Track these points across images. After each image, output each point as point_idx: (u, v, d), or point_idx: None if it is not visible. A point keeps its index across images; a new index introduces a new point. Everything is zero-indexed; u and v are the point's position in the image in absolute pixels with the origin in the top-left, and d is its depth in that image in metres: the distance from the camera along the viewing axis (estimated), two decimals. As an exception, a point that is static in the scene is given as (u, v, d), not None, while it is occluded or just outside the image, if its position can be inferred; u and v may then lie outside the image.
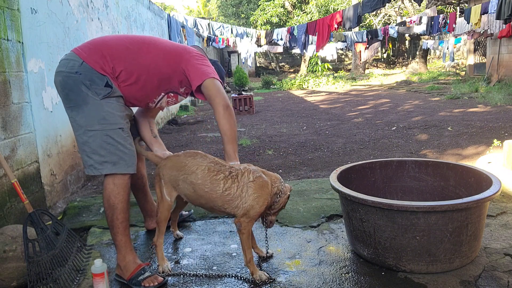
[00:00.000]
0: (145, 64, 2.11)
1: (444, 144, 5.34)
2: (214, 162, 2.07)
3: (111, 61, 2.06)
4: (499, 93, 10.24)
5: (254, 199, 1.98)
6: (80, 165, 4.03)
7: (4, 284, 2.05)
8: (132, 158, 2.10)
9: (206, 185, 2.02)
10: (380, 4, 9.18)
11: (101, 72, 2.03)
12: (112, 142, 2.03)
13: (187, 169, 2.07)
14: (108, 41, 2.15)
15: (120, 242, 2.10)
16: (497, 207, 2.79)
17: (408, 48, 27.75)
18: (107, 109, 2.03)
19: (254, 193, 1.98)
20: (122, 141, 2.06)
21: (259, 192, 1.99)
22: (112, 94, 2.05)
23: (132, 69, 2.09)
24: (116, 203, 2.05)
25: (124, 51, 2.10)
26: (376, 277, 2.01)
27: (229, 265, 2.21)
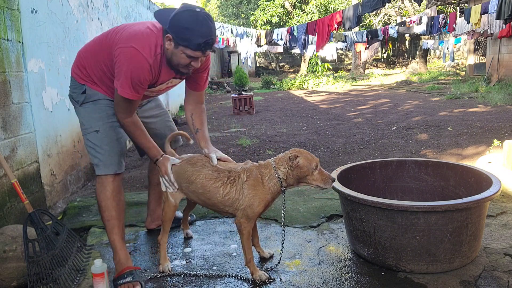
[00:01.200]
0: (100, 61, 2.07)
1: (444, 144, 5.34)
2: (212, 170, 2.08)
3: (84, 68, 2.12)
4: (499, 93, 10.24)
5: (250, 199, 1.99)
6: (80, 165, 4.03)
7: (4, 284, 2.05)
8: (109, 158, 2.12)
9: (206, 193, 2.06)
10: (380, 4, 9.18)
11: (80, 81, 2.13)
12: (91, 145, 2.14)
13: (188, 177, 2.10)
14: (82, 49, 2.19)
15: (111, 240, 2.15)
16: (497, 207, 2.79)
17: (408, 48, 27.74)
18: (84, 114, 2.14)
19: (248, 194, 1.99)
20: (98, 143, 2.11)
21: (253, 192, 1.99)
22: (88, 99, 2.12)
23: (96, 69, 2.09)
24: (100, 201, 2.14)
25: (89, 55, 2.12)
26: (376, 277, 2.01)
27: (229, 265, 2.21)
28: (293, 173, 1.97)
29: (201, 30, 1.83)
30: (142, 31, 1.95)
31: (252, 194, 1.98)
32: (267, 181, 1.99)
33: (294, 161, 1.95)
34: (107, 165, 2.12)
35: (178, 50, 1.89)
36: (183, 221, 2.60)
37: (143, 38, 1.92)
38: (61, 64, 3.70)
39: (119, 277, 2.05)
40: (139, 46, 1.90)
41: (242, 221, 2.01)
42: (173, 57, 1.93)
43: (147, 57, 1.91)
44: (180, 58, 1.91)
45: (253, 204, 1.99)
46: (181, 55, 1.90)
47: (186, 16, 1.83)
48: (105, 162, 2.12)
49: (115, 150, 2.15)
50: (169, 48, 1.91)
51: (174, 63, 1.96)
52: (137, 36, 1.94)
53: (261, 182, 1.99)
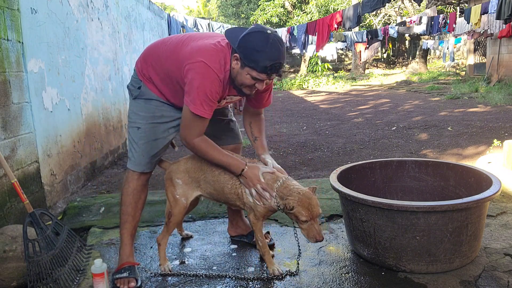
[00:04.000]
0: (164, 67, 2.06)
1: (444, 144, 5.34)
2: None
3: (146, 66, 2.12)
4: (499, 93, 10.24)
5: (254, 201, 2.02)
6: (80, 165, 4.03)
7: (4, 284, 2.05)
8: (140, 156, 2.15)
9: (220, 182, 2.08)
10: (380, 4, 9.18)
11: (139, 76, 2.14)
12: (130, 138, 2.19)
13: (205, 169, 2.11)
14: (151, 47, 2.19)
15: (120, 234, 2.20)
16: (497, 207, 2.79)
17: (408, 48, 27.74)
18: (133, 108, 2.18)
19: None
20: (136, 139, 2.15)
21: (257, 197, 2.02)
22: (141, 96, 2.13)
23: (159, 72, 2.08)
24: (122, 193, 2.21)
25: (156, 57, 2.10)
26: (376, 277, 2.01)
27: (229, 265, 2.21)
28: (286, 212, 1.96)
29: (269, 53, 1.81)
30: (211, 45, 1.94)
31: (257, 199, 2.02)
32: None
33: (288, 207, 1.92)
34: (137, 162, 2.16)
35: (244, 70, 1.87)
36: (178, 224, 2.54)
37: (212, 52, 1.91)
38: (61, 64, 3.70)
39: (117, 272, 2.09)
40: (208, 60, 1.88)
41: (251, 217, 2.07)
42: (237, 76, 1.91)
43: (217, 72, 1.89)
44: (245, 78, 1.90)
45: (257, 208, 2.03)
46: (246, 76, 1.88)
47: (256, 38, 1.82)
48: (136, 159, 2.16)
49: (149, 150, 2.15)
50: (235, 68, 1.90)
51: (238, 82, 1.94)
52: (206, 50, 1.92)
53: None
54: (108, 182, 4.28)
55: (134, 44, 6.44)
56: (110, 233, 2.70)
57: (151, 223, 2.83)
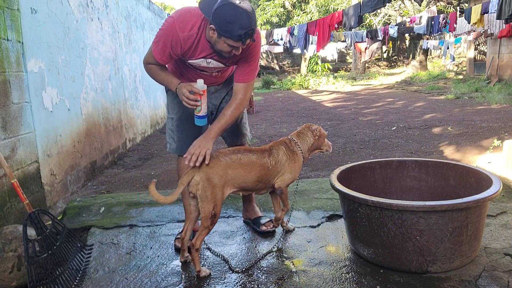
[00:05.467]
0: None
1: (444, 144, 5.34)
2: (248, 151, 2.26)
3: None
4: (499, 93, 10.24)
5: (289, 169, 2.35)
6: (80, 165, 4.03)
7: (4, 284, 2.05)
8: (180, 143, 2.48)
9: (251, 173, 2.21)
10: (380, 4, 9.17)
11: None
12: (168, 126, 2.54)
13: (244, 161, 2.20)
14: None
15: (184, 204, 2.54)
16: (497, 207, 2.78)
17: (408, 48, 27.72)
18: (167, 100, 2.55)
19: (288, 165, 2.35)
20: (173, 128, 2.50)
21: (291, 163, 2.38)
22: None
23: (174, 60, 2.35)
24: (178, 173, 2.57)
25: None
26: (376, 277, 2.01)
27: (230, 265, 2.21)
28: (316, 142, 2.42)
29: (241, 23, 1.96)
30: (189, 9, 2.19)
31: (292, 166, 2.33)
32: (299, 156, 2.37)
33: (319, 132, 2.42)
34: (178, 147, 2.50)
35: (220, 39, 2.05)
36: None
37: (185, 14, 2.15)
38: (61, 64, 3.70)
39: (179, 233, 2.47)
40: (177, 18, 2.13)
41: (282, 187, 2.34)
42: (216, 44, 2.10)
43: (179, 30, 2.11)
44: (222, 46, 2.08)
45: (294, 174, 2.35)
46: (223, 44, 2.06)
47: (227, 10, 1.96)
48: (177, 145, 2.50)
49: (186, 137, 2.44)
50: (213, 37, 2.07)
51: (217, 48, 2.13)
52: (183, 11, 2.19)
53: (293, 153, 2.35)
54: (108, 182, 4.28)
55: (134, 44, 6.44)
56: (110, 233, 2.70)
57: (151, 223, 2.83)
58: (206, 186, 2.05)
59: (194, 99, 2.15)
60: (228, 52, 2.12)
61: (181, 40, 2.13)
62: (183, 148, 2.42)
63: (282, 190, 2.34)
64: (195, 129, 2.41)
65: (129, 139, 5.88)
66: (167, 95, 2.53)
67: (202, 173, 2.06)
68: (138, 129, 6.39)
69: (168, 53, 2.17)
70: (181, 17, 2.13)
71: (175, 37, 2.12)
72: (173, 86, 2.24)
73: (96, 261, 2.33)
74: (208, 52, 2.21)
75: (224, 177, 2.10)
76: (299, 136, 2.42)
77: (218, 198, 2.07)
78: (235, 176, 2.15)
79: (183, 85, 2.18)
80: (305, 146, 2.40)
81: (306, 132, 2.43)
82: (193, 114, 2.28)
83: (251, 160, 2.20)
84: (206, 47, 2.18)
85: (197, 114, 2.22)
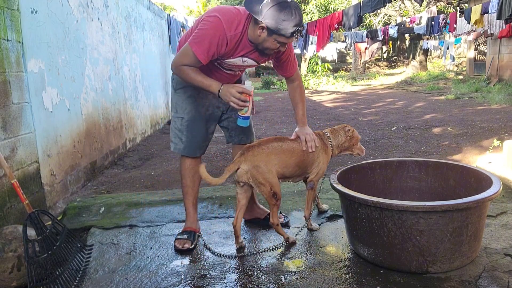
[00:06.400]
0: None
1: (444, 144, 5.34)
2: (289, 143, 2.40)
3: None
4: (499, 93, 10.24)
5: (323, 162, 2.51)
6: (80, 165, 4.03)
7: (4, 284, 2.05)
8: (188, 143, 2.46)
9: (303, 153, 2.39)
10: (380, 4, 9.18)
11: None
12: (175, 126, 2.49)
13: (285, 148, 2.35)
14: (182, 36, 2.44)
15: (184, 203, 2.58)
16: (497, 207, 2.78)
17: (408, 48, 27.72)
18: (175, 100, 2.49)
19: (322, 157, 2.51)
20: (181, 129, 2.47)
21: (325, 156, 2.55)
22: (180, 86, 2.44)
23: None
24: (180, 171, 2.56)
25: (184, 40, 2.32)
26: (376, 277, 2.01)
27: (230, 265, 2.21)
28: (347, 142, 2.56)
29: (294, 20, 2.05)
30: (230, 8, 2.20)
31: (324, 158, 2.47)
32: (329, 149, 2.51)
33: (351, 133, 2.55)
34: (185, 148, 2.48)
35: (271, 37, 2.11)
36: None
37: (228, 13, 2.16)
38: (61, 64, 3.70)
39: (180, 234, 2.48)
40: (222, 16, 2.12)
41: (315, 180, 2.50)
42: (264, 43, 2.15)
43: (226, 29, 2.12)
44: (271, 44, 2.14)
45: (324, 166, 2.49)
46: (273, 42, 2.13)
47: (280, 8, 2.04)
48: (185, 145, 2.47)
49: (195, 137, 2.47)
50: (261, 36, 2.12)
51: (263, 47, 2.18)
52: (224, 10, 2.18)
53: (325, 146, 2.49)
54: (108, 182, 4.28)
55: (134, 44, 6.44)
56: (110, 233, 2.70)
57: (151, 224, 2.83)
58: (255, 173, 2.24)
59: (244, 100, 2.16)
60: (273, 50, 2.18)
61: (227, 39, 2.14)
62: (190, 148, 2.48)
63: (313, 185, 2.49)
64: (203, 130, 2.49)
65: (129, 139, 5.88)
66: (176, 94, 2.48)
67: (248, 162, 2.24)
68: (138, 129, 6.39)
69: (212, 52, 2.15)
70: (226, 16, 2.13)
71: (222, 36, 2.12)
72: (214, 88, 2.19)
73: (96, 261, 2.33)
74: (247, 50, 2.24)
75: (269, 163, 2.27)
76: (332, 132, 2.58)
77: (271, 179, 2.26)
78: (278, 162, 2.30)
79: (229, 86, 2.18)
80: (335, 142, 2.55)
81: (340, 131, 2.59)
82: (203, 115, 2.41)
83: (291, 146, 2.37)
84: (246, 45, 2.21)
85: (243, 115, 2.24)
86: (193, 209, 2.56)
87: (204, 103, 2.45)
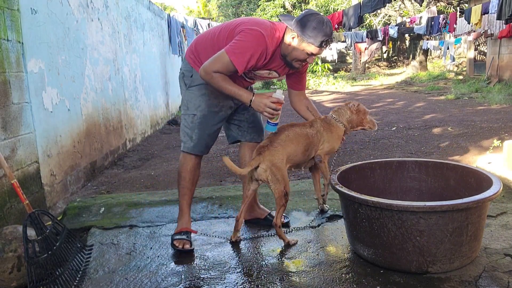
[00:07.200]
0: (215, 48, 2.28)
1: (444, 144, 5.34)
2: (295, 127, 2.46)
3: (198, 53, 2.38)
4: (499, 94, 10.24)
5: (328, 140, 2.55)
6: (80, 165, 4.03)
7: (4, 284, 2.05)
8: (198, 140, 2.45)
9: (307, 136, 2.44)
10: (380, 4, 9.18)
11: (192, 64, 2.40)
12: (186, 124, 2.47)
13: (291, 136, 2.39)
14: (201, 35, 2.50)
15: (180, 203, 2.55)
16: (497, 207, 2.78)
17: (408, 48, 27.72)
18: (187, 97, 2.46)
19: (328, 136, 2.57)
20: (192, 126, 2.44)
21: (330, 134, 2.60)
22: (193, 83, 2.41)
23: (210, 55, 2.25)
24: (180, 171, 2.52)
25: (205, 41, 2.38)
26: (376, 278, 2.01)
27: (229, 265, 2.21)
28: (355, 117, 2.58)
29: (325, 30, 2.15)
30: (267, 23, 2.27)
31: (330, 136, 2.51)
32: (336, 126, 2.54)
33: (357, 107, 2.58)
34: (195, 146, 2.46)
35: (300, 47, 2.19)
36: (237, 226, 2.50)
37: (268, 28, 2.22)
38: (61, 64, 3.70)
39: (176, 234, 2.45)
40: (265, 31, 2.18)
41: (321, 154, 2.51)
42: (293, 52, 2.22)
43: (268, 44, 2.18)
44: (300, 54, 2.21)
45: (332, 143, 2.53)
46: (302, 51, 2.20)
47: (314, 18, 2.16)
48: (194, 143, 2.45)
49: (205, 135, 2.46)
50: (291, 45, 2.21)
51: (292, 57, 2.25)
52: (264, 25, 2.23)
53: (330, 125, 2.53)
54: (108, 182, 4.28)
55: (134, 44, 6.44)
56: (110, 234, 2.69)
57: (151, 224, 2.83)
58: (274, 171, 2.28)
59: (277, 109, 2.23)
60: (300, 61, 2.26)
61: (268, 54, 2.22)
62: (201, 146, 2.48)
63: (320, 158, 2.51)
64: (214, 129, 2.50)
65: (129, 139, 5.88)
66: (189, 92, 2.44)
67: (268, 161, 2.29)
68: (138, 129, 6.39)
69: (251, 65, 2.20)
70: (269, 31, 2.20)
71: (264, 51, 2.19)
72: (246, 97, 2.21)
73: (96, 261, 2.33)
74: (277, 64, 2.33)
75: (284, 157, 2.33)
76: (336, 112, 2.62)
77: (285, 178, 2.32)
78: (290, 152, 2.36)
79: (262, 96, 2.22)
80: (343, 118, 2.58)
81: (344, 107, 2.63)
82: (215, 115, 2.43)
83: (296, 132, 2.41)
84: (278, 59, 2.30)
85: (274, 122, 2.31)
86: (188, 210, 2.56)
87: (218, 103, 2.44)
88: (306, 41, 2.16)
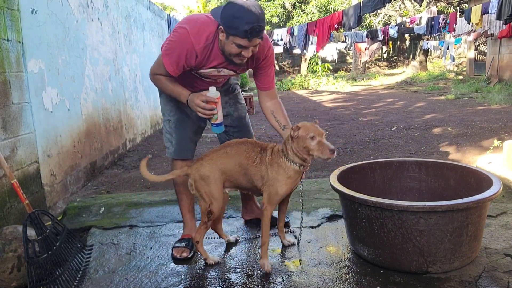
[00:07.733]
0: None
1: (444, 144, 5.34)
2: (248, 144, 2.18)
3: None
4: (499, 94, 10.24)
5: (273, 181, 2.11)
6: (80, 165, 4.03)
7: (4, 284, 2.05)
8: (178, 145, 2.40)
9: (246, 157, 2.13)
10: (380, 4, 9.18)
11: None
12: (165, 130, 2.46)
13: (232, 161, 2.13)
14: None
15: (181, 211, 2.50)
16: (497, 207, 2.78)
17: (408, 48, 27.74)
18: (161, 103, 2.48)
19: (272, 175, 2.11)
20: (170, 131, 2.42)
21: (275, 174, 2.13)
22: None
23: None
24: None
25: None
26: (376, 278, 2.01)
27: (229, 265, 2.21)
28: (295, 146, 2.00)
29: (247, 17, 1.91)
30: (201, 19, 2.11)
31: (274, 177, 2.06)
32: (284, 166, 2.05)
33: (294, 133, 1.99)
34: (176, 151, 2.41)
35: (229, 40, 2.00)
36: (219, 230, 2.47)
37: (198, 24, 2.08)
38: (61, 64, 3.70)
39: (178, 241, 2.40)
40: (191, 30, 2.05)
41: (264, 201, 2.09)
42: (225, 47, 2.05)
43: (195, 42, 2.05)
44: (231, 48, 2.02)
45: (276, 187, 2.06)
46: (231, 45, 2.01)
47: (234, 6, 1.95)
48: (175, 148, 2.41)
49: (184, 139, 2.41)
50: (222, 39, 2.04)
51: (227, 52, 2.07)
52: (194, 21, 2.10)
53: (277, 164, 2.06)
54: (108, 182, 4.28)
55: (134, 45, 6.44)
56: (110, 234, 2.69)
57: (151, 224, 2.83)
58: (199, 186, 2.11)
59: (210, 108, 2.08)
60: (237, 56, 2.05)
61: (196, 51, 2.07)
62: (181, 151, 2.41)
63: (263, 206, 2.09)
64: (193, 129, 2.45)
65: (129, 139, 5.88)
66: (161, 98, 2.45)
67: (194, 174, 2.11)
68: (138, 129, 6.38)
69: (182, 65, 2.11)
70: (196, 28, 2.05)
71: (191, 49, 2.06)
72: (183, 97, 2.14)
73: (96, 261, 2.33)
74: (220, 61, 2.16)
75: (215, 174, 2.10)
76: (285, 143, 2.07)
77: (213, 195, 2.10)
78: (224, 169, 2.11)
79: (195, 95, 2.09)
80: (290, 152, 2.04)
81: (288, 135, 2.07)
82: (189, 116, 2.31)
83: (239, 151, 2.13)
84: (218, 55, 2.13)
85: (214, 122, 2.15)
86: (190, 216, 2.48)
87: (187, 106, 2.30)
88: (231, 33, 1.96)
